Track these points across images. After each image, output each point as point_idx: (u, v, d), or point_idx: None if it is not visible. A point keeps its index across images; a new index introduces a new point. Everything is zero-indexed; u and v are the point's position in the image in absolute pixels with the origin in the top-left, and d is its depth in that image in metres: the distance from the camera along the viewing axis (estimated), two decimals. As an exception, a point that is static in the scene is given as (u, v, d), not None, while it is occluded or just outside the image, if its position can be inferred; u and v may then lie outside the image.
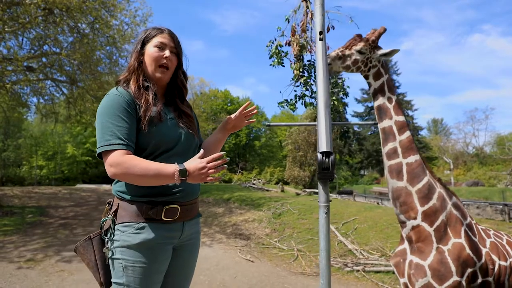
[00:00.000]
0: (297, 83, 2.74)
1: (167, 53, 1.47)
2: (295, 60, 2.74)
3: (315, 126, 1.58)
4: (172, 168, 1.26)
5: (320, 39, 1.56)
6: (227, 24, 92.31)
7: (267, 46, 2.76)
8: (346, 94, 2.99)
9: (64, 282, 4.35)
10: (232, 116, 1.69)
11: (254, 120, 1.78)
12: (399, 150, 1.91)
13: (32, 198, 13.89)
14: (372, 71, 2.04)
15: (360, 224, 6.79)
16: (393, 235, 5.85)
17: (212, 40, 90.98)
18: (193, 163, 1.26)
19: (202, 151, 1.32)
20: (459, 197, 1.98)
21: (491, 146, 41.83)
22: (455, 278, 1.66)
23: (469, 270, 1.72)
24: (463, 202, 1.94)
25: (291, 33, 2.71)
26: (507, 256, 1.84)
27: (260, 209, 9.68)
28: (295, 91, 2.78)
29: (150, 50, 1.47)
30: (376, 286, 4.21)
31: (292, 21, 2.74)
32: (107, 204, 1.44)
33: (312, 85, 2.72)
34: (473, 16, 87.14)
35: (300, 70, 2.68)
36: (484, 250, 1.80)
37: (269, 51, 2.75)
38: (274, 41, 2.74)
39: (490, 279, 1.77)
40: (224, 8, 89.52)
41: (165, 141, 1.40)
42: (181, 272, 1.51)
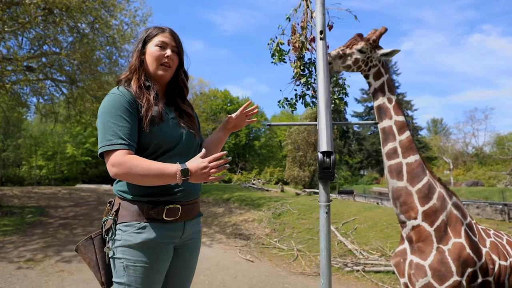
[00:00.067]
0: (298, 82, 2.73)
1: (168, 52, 1.46)
2: (295, 59, 2.73)
3: (316, 126, 1.58)
4: (174, 167, 1.26)
5: (320, 39, 1.56)
6: (227, 24, 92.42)
7: (268, 44, 2.75)
8: (346, 93, 2.98)
9: (64, 282, 4.35)
10: (233, 115, 1.69)
11: (255, 119, 1.78)
12: (399, 150, 1.92)
13: (31, 198, 13.87)
14: (373, 70, 2.05)
15: (360, 224, 6.79)
16: (393, 235, 5.85)
17: (212, 40, 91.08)
18: (195, 163, 1.26)
19: (204, 150, 1.32)
20: (459, 197, 1.98)
21: (490, 146, 41.88)
22: (456, 278, 1.67)
23: (470, 269, 1.72)
24: (463, 202, 1.94)
25: (291, 32, 2.71)
26: (507, 256, 1.84)
27: (260, 209, 9.68)
28: (295, 90, 2.77)
29: (152, 49, 1.46)
30: (376, 286, 4.22)
31: (292, 20, 2.74)
32: (108, 204, 1.44)
33: (313, 83, 2.70)
34: (473, 16, 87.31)
35: (301, 68, 2.67)
36: (484, 250, 1.81)
37: (270, 49, 2.74)
38: (275, 39, 2.73)
39: (490, 278, 1.77)
40: (224, 8, 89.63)
41: (167, 140, 1.40)
42: (182, 271, 1.51)
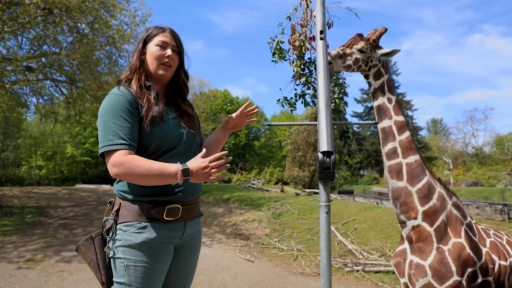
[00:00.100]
0: (298, 81, 2.72)
1: (169, 51, 1.46)
2: (294, 58, 2.72)
3: (316, 125, 1.58)
4: (175, 167, 1.25)
5: (321, 38, 1.56)
6: (227, 24, 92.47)
7: (268, 43, 2.75)
8: (346, 94, 2.97)
9: (64, 282, 4.34)
10: (233, 115, 1.69)
11: (255, 119, 1.78)
12: (399, 150, 1.92)
13: (31, 198, 13.86)
14: (373, 70, 2.05)
15: (360, 224, 6.79)
16: (393, 235, 5.85)
17: (212, 40, 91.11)
18: (196, 163, 1.26)
19: (204, 150, 1.31)
20: (459, 197, 1.99)
21: (490, 146, 41.91)
22: (456, 278, 1.67)
23: (470, 269, 1.72)
24: (462, 202, 1.95)
25: (291, 32, 2.70)
26: (507, 256, 1.84)
27: (260, 209, 9.67)
28: (295, 89, 2.76)
29: (152, 49, 1.46)
30: (376, 286, 4.22)
31: (292, 19, 2.74)
32: (109, 204, 1.44)
33: (313, 82, 2.69)
34: (472, 16, 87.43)
35: (301, 67, 2.66)
36: (484, 250, 1.81)
37: (270, 48, 2.73)
38: (275, 38, 2.73)
39: (490, 278, 1.77)
40: (224, 8, 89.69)
41: (167, 141, 1.40)
42: (183, 271, 1.51)
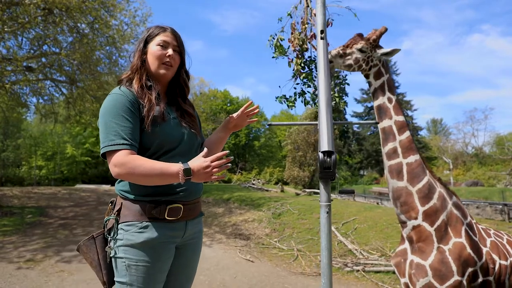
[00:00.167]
0: (297, 80, 2.71)
1: (170, 51, 1.46)
2: (294, 57, 2.72)
3: (316, 125, 1.57)
4: (176, 167, 1.25)
5: (321, 38, 1.56)
6: (227, 24, 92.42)
7: (268, 41, 2.74)
8: (346, 93, 2.96)
9: (64, 283, 4.34)
10: (234, 115, 1.69)
11: (256, 119, 1.78)
12: (399, 150, 1.92)
13: (31, 199, 13.87)
14: (373, 70, 2.05)
15: (360, 224, 6.79)
16: (393, 235, 5.85)
17: (212, 40, 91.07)
18: (197, 162, 1.26)
19: (205, 149, 1.31)
20: (459, 197, 1.99)
21: (490, 146, 41.90)
22: (456, 277, 1.67)
23: (470, 269, 1.72)
24: (462, 202, 1.95)
25: (291, 31, 2.70)
26: (508, 256, 1.84)
27: (260, 209, 9.68)
28: (295, 88, 2.75)
29: (153, 48, 1.46)
30: (376, 286, 4.22)
31: (292, 18, 2.73)
32: (110, 203, 1.44)
33: (314, 80, 2.68)
34: (472, 16, 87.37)
35: (301, 65, 2.66)
36: (484, 250, 1.81)
37: (270, 45, 2.73)
38: (275, 36, 2.73)
39: (490, 278, 1.77)
40: (224, 8, 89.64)
41: (169, 140, 1.40)
42: (184, 271, 1.52)
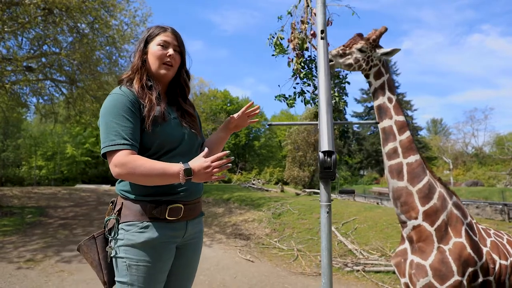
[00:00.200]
0: (297, 79, 2.71)
1: (170, 51, 1.46)
2: (294, 56, 2.72)
3: (316, 125, 1.57)
4: (177, 167, 1.26)
5: (321, 38, 1.56)
6: (227, 24, 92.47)
7: (268, 39, 2.74)
8: (346, 93, 2.96)
9: (64, 283, 4.34)
10: (235, 116, 1.69)
11: (257, 120, 1.78)
12: (399, 150, 1.92)
13: (31, 199, 13.86)
14: (373, 70, 2.05)
15: (360, 224, 6.79)
16: (393, 235, 5.85)
17: (212, 40, 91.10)
18: (198, 162, 1.26)
19: (206, 149, 1.31)
20: (459, 197, 1.99)
21: (490, 146, 41.90)
22: (456, 277, 1.67)
23: (470, 269, 1.72)
24: (462, 202, 1.95)
25: (291, 30, 2.70)
26: (508, 255, 1.84)
27: (260, 209, 9.67)
28: (294, 88, 2.75)
29: (154, 48, 1.46)
30: (376, 286, 4.22)
31: (293, 17, 2.73)
32: (111, 203, 1.44)
33: (314, 79, 2.68)
34: (472, 16, 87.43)
35: (301, 65, 2.66)
36: (484, 250, 1.81)
37: (270, 44, 2.73)
38: (275, 34, 2.73)
39: (491, 278, 1.77)
40: (224, 8, 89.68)
41: (169, 140, 1.40)
42: (185, 271, 1.52)
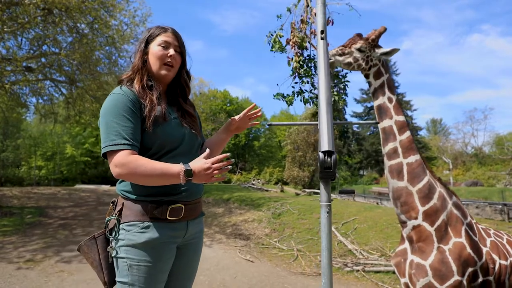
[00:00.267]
0: (296, 78, 2.70)
1: (171, 51, 1.46)
2: (293, 56, 2.71)
3: (316, 125, 1.57)
4: (177, 168, 1.26)
5: (321, 38, 1.56)
6: (227, 24, 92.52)
7: (267, 37, 2.73)
8: (346, 93, 2.95)
9: (64, 283, 4.34)
10: (236, 117, 1.69)
11: (258, 122, 1.78)
12: (400, 150, 1.92)
13: (31, 199, 13.86)
14: (373, 70, 2.05)
15: (360, 224, 6.79)
16: (393, 235, 5.85)
17: (212, 40, 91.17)
18: (198, 164, 1.26)
19: (208, 150, 1.31)
20: (459, 197, 1.99)
21: (490, 146, 41.93)
22: (456, 277, 1.67)
23: (470, 269, 1.72)
24: (462, 202, 1.95)
25: (291, 30, 2.70)
26: (508, 255, 1.85)
27: (260, 209, 9.67)
28: (293, 87, 2.74)
29: (154, 49, 1.46)
30: (376, 286, 4.22)
31: (292, 17, 2.73)
32: (111, 204, 1.44)
33: (313, 78, 2.67)
34: (472, 16, 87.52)
35: (300, 64, 2.65)
36: (484, 249, 1.81)
37: (268, 42, 2.72)
38: (274, 33, 2.72)
39: (490, 278, 1.78)
40: (224, 8, 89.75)
41: (170, 141, 1.40)
42: (185, 271, 1.52)
